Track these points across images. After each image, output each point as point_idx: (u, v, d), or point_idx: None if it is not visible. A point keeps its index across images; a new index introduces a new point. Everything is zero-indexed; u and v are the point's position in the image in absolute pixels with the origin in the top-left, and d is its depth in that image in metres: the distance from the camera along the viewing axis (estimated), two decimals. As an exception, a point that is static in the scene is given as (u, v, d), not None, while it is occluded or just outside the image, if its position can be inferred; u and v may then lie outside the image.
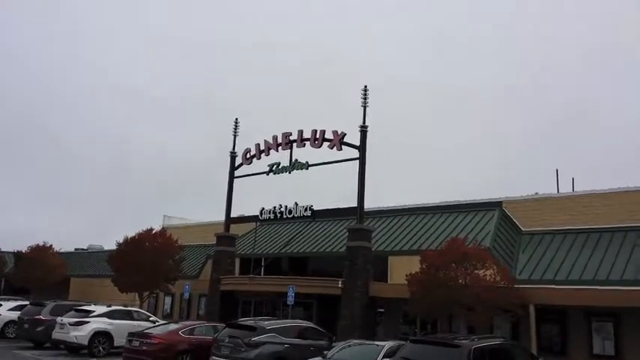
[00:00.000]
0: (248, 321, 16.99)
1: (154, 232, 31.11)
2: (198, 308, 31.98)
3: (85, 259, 45.80)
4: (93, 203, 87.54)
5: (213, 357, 15.79)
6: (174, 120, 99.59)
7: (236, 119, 30.23)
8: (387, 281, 24.56)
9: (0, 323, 25.57)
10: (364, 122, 24.23)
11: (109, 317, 21.53)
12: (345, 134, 24.61)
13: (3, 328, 25.54)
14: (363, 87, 24.43)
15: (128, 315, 22.34)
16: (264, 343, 15.45)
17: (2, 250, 43.58)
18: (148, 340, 16.99)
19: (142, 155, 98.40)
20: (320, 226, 31.47)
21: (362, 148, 24.09)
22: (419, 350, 12.34)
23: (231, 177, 29.63)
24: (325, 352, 15.04)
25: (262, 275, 28.10)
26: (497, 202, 26.41)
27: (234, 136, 30.05)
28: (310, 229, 31.60)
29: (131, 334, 17.87)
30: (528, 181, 70.36)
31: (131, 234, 30.70)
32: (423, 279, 19.10)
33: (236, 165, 29.56)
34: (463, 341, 12.18)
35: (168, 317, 32.35)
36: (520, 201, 26.13)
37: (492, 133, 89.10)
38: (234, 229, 30.86)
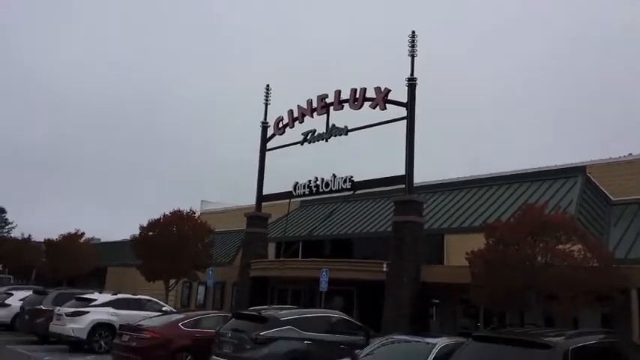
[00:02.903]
0: (259, 310, 13.28)
1: (182, 214, 27.94)
2: (232, 298, 28.67)
3: (123, 248, 43.68)
4: (137, 195, 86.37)
5: (213, 356, 12.23)
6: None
7: (267, 85, 26.74)
8: (442, 264, 20.36)
9: (10, 314, 22.99)
10: (412, 74, 20.10)
11: (113, 307, 18.40)
12: (390, 90, 20.60)
13: (12, 319, 22.99)
14: (411, 33, 20.30)
15: (137, 304, 19.13)
16: (277, 338, 11.72)
17: (34, 239, 41.93)
18: (139, 335, 13.60)
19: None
20: (364, 205, 27.53)
21: (410, 104, 19.99)
22: (486, 351, 8.34)
23: (263, 150, 26.12)
24: (357, 351, 11.19)
25: (296, 259, 24.33)
26: (579, 167, 21.66)
27: (266, 104, 26.54)
28: (353, 208, 27.72)
29: (122, 327, 14.61)
30: (616, 143, 61.16)
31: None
32: (489, 257, 14.84)
33: (268, 136, 26.00)
34: (555, 338, 8.06)
35: (201, 308, 29.28)
36: (608, 165, 21.29)
37: (571, 84, 78.85)
38: (272, 210, 27.46)
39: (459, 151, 78.16)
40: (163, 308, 19.58)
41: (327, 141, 22.71)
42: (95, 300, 18.54)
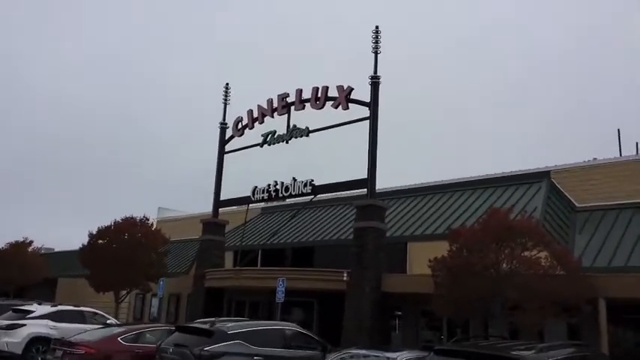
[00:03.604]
0: (205, 322, 12.18)
1: (134, 220, 26.51)
2: (187, 310, 27.26)
3: (75, 258, 41.59)
4: (96, 202, 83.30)
5: (153, 374, 11.08)
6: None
7: (226, 84, 25.60)
8: (405, 273, 19.57)
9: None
10: (375, 72, 19.37)
11: (52, 320, 17.06)
12: (353, 89, 19.84)
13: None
14: (374, 28, 19.61)
15: (79, 317, 17.80)
16: (223, 354, 10.66)
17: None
18: (73, 350, 12.33)
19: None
20: (328, 212, 26.63)
21: (373, 104, 19.25)
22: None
23: (221, 152, 24.98)
24: (312, 366, 10.26)
25: (253, 268, 23.17)
26: (543, 172, 21.21)
27: (225, 104, 25.42)
28: (315, 214, 26.77)
29: (56, 342, 13.29)
30: (580, 149, 60.78)
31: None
32: (452, 264, 14.09)
33: (226, 138, 24.90)
34: (524, 352, 7.27)
35: (155, 321, 27.74)
36: (573, 169, 20.88)
37: (533, 90, 78.95)
38: (232, 218, 26.30)
39: (424, 156, 77.84)
40: (108, 321, 18.22)
41: (287, 142, 21.79)
42: (33, 312, 17.14)
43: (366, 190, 18.94)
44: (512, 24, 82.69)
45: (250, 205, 24.62)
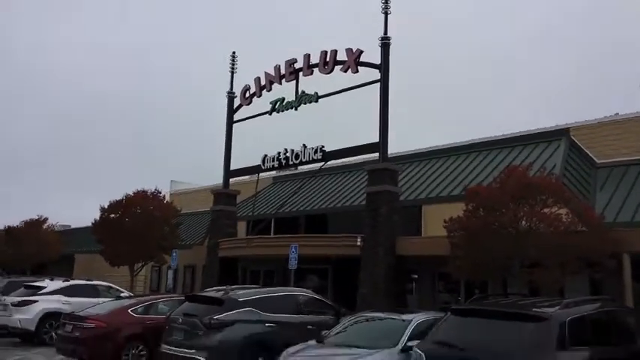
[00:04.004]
0: (218, 291, 11.88)
1: (146, 194, 26.27)
2: (202, 281, 27.18)
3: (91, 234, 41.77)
4: (110, 178, 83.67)
5: (164, 345, 10.84)
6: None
7: (233, 53, 24.89)
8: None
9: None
10: (386, 32, 18.62)
11: (65, 294, 16.95)
12: (362, 51, 19.08)
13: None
14: (382, -16, 18.80)
15: (92, 291, 17.65)
16: (234, 322, 10.37)
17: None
18: (83, 324, 12.16)
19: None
20: (339, 179, 26.15)
21: (384, 66, 18.52)
22: (468, 326, 7.09)
23: (230, 122, 24.48)
24: (325, 331, 9.95)
25: (265, 236, 22.84)
26: (562, 129, 20.42)
27: (232, 72, 24.78)
28: (327, 182, 26.31)
29: (65, 317, 13.14)
30: (599, 104, 58.16)
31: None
32: (468, 225, 13.57)
33: (235, 107, 24.37)
34: (549, 309, 6.82)
35: (170, 293, 27.75)
36: (593, 126, 20.07)
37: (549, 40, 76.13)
38: (244, 189, 25.96)
39: (436, 118, 76.43)
40: (122, 295, 18.10)
41: (296, 109, 21.20)
42: (45, 288, 17.04)
43: (377, 154, 18.40)
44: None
45: (261, 174, 24.27)
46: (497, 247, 12.94)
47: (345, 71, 19.48)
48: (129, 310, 12.66)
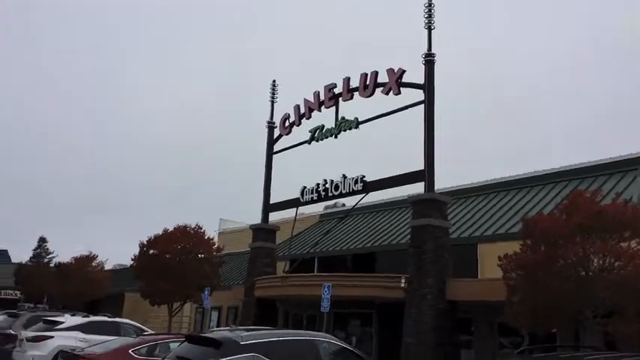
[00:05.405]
0: (216, 332, 10.20)
1: (186, 229, 25.22)
2: (239, 323, 25.56)
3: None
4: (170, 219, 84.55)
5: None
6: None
7: (274, 81, 23.99)
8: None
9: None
10: (429, 49, 17.01)
11: (82, 331, 15.74)
12: (404, 71, 17.59)
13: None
14: (427, 1, 17.28)
15: (113, 328, 16.39)
16: (232, 370, 8.61)
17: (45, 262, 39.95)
18: (77, 364, 10.79)
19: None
20: (391, 215, 24.21)
21: (428, 85, 16.85)
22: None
23: (270, 153, 23.30)
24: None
25: (299, 274, 21.01)
26: (637, 157, 17.83)
27: (272, 102, 23.79)
28: (376, 220, 24.40)
29: (62, 354, 11.86)
30: None
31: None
32: (527, 262, 11.37)
33: (275, 137, 23.20)
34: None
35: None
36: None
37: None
38: (287, 227, 24.53)
39: (492, 147, 72.25)
40: (145, 333, 16.76)
41: (336, 137, 19.78)
42: (62, 323, 15.94)
43: (423, 184, 16.49)
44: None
45: (310, 211, 22.77)
46: (561, 290, 10.67)
47: (387, 93, 18.03)
48: (130, 351, 11.21)
